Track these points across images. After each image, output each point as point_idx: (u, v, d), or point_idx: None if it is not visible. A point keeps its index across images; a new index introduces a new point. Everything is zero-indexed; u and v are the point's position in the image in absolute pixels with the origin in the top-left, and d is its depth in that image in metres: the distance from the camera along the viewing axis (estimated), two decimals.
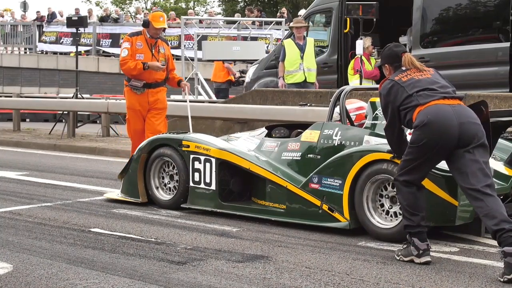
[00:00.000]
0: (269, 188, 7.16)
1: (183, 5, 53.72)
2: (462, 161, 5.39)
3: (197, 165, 7.56)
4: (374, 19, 12.34)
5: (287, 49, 12.74)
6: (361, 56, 12.76)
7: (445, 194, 5.92)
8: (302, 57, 12.62)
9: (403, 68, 5.76)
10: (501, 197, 6.55)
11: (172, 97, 17.68)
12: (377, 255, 5.83)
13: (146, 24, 9.42)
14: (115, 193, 8.45)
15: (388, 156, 6.07)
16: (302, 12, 19.50)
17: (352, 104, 7.40)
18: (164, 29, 9.51)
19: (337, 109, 7.13)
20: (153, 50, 9.41)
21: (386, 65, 5.91)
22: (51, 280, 5.02)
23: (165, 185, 7.93)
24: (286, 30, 20.05)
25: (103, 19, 29.24)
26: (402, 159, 5.63)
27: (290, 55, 12.70)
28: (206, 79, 19.49)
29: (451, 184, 5.90)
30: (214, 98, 17.84)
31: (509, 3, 11.54)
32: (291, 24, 13.42)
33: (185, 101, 10.25)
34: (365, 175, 6.31)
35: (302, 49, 12.64)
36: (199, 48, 19.41)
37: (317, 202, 6.69)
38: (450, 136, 5.37)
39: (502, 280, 5.04)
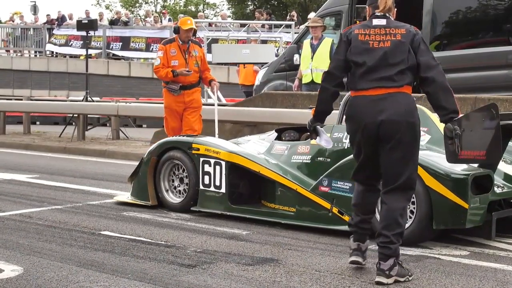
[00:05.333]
0: (279, 191, 7.17)
1: (193, 8, 53.83)
2: (382, 161, 5.16)
3: (207, 168, 7.56)
4: None
5: (303, 49, 12.81)
6: None
7: (455, 196, 5.91)
8: (312, 58, 12.63)
9: (373, 23, 5.17)
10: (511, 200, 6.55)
11: None
12: None
13: (176, 30, 10.13)
14: (125, 196, 8.47)
15: None
16: (311, 15, 19.48)
17: None
18: (193, 31, 10.08)
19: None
20: (186, 55, 10.02)
21: (367, 6, 5.31)
22: (62, 283, 5.03)
23: (175, 188, 7.94)
24: (296, 33, 20.02)
25: (113, 22, 29.31)
26: None
27: (303, 55, 12.77)
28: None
29: (461, 187, 5.90)
30: (224, 101, 17.81)
31: None
32: (307, 24, 13.42)
33: (213, 105, 10.43)
34: None
35: (313, 49, 12.64)
36: (209, 51, 19.42)
37: (327, 205, 6.69)
38: (368, 132, 5.11)
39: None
